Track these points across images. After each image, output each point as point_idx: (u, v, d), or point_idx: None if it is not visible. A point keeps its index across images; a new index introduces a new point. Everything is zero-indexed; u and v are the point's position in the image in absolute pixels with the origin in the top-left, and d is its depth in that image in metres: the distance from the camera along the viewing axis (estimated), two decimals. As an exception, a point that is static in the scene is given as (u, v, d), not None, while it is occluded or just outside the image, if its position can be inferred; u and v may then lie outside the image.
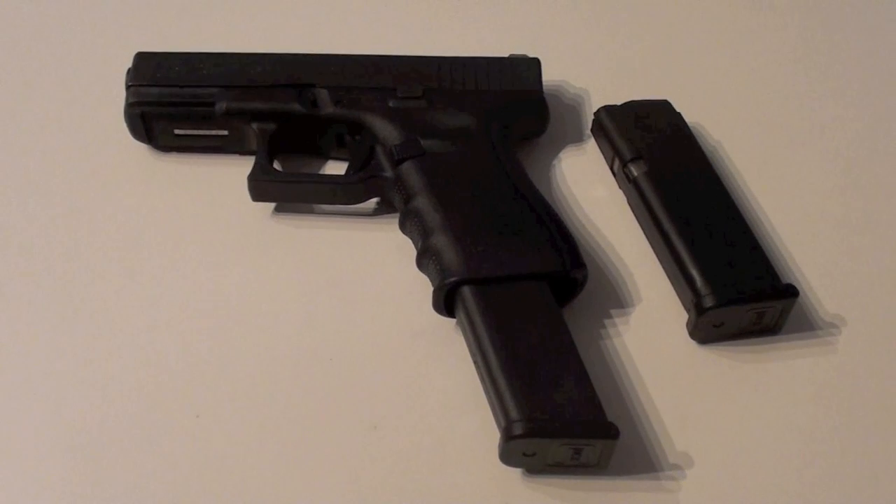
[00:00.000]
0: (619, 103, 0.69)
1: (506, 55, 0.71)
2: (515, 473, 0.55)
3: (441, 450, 0.56)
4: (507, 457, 0.54)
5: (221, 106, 0.67)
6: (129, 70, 0.68)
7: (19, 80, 0.76)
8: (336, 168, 0.69)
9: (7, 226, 0.67)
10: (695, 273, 0.59)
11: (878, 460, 0.56)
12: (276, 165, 0.68)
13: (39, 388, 0.59)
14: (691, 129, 0.68)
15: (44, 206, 0.68)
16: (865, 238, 0.66)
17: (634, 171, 0.65)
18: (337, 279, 0.64)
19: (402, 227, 0.63)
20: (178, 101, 0.67)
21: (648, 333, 0.61)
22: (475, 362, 0.57)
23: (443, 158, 0.64)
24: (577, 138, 0.72)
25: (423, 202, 0.61)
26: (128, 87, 0.68)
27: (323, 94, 0.67)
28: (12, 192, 0.69)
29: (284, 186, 0.66)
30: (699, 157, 0.66)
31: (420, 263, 0.61)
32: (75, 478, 0.55)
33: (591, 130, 0.70)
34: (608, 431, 0.53)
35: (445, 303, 0.60)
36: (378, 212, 0.67)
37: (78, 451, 0.56)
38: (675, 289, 0.62)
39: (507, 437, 0.53)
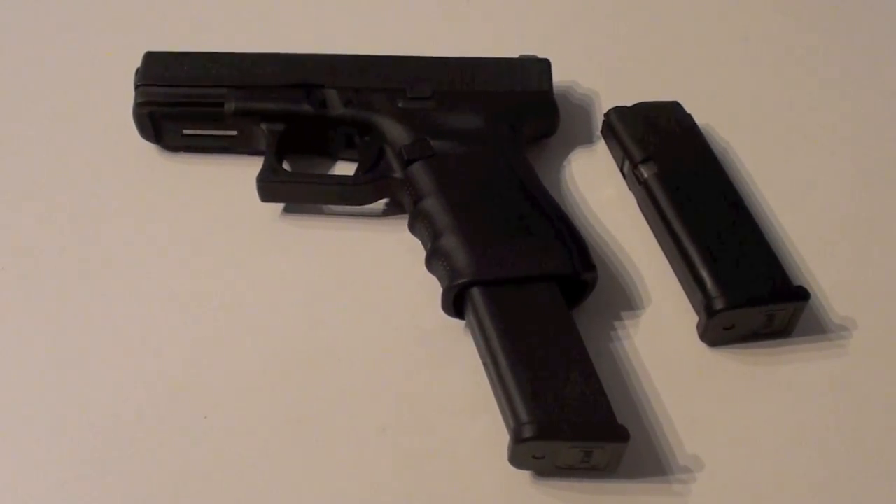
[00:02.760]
0: (629, 104, 0.68)
1: (516, 56, 0.70)
2: (525, 476, 0.55)
3: (450, 452, 0.56)
4: (516, 459, 0.54)
5: (230, 106, 0.67)
6: (137, 70, 0.68)
7: (28, 80, 0.76)
8: (345, 169, 0.69)
9: (15, 225, 0.67)
10: (705, 275, 0.59)
11: (889, 464, 0.56)
12: (285, 166, 0.68)
13: (43, 389, 0.59)
14: (701, 130, 0.68)
15: (52, 205, 0.68)
16: (877, 240, 0.66)
17: (645, 172, 0.65)
18: (345, 280, 0.64)
19: (412, 228, 0.63)
20: (186, 102, 0.67)
21: (658, 336, 0.61)
22: (484, 364, 0.57)
23: (452, 159, 0.63)
24: (588, 140, 0.72)
25: (432, 203, 0.61)
26: (136, 87, 0.68)
27: (332, 95, 0.67)
28: (20, 192, 0.69)
29: (293, 187, 0.66)
30: (709, 159, 0.66)
31: (429, 264, 0.61)
32: (82, 479, 0.55)
33: (602, 132, 0.70)
34: (618, 434, 0.52)
35: (455, 304, 0.59)
36: (387, 213, 0.67)
37: (85, 452, 0.56)
38: (685, 291, 0.62)
39: (517, 439, 0.52)
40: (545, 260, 0.59)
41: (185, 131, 0.69)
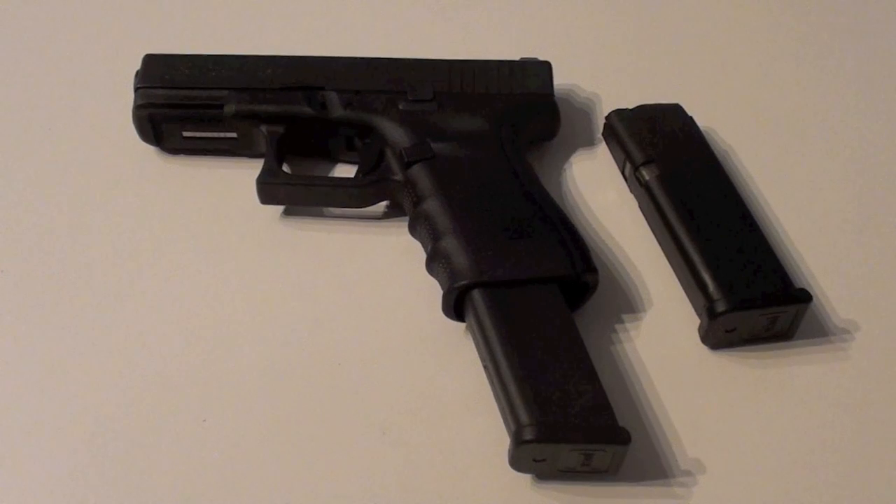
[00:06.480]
0: (630, 107, 0.68)
1: (517, 58, 0.70)
2: (525, 479, 0.55)
3: (450, 455, 0.56)
4: (517, 462, 0.54)
5: (230, 108, 0.66)
6: (137, 72, 0.68)
7: (27, 82, 0.76)
8: (345, 171, 0.69)
9: (15, 228, 0.66)
10: (707, 277, 0.59)
11: (891, 468, 0.56)
12: (285, 168, 0.68)
13: (43, 391, 0.59)
14: (703, 132, 0.67)
15: (51, 208, 0.67)
16: (879, 242, 0.66)
17: (646, 175, 0.65)
18: (346, 282, 0.63)
19: (412, 230, 0.63)
20: (186, 104, 0.67)
21: (660, 338, 0.61)
22: (485, 366, 0.57)
23: (453, 161, 0.63)
24: (589, 142, 0.71)
25: (432, 205, 0.61)
26: (136, 90, 0.68)
27: (332, 97, 0.67)
28: (20, 195, 0.68)
29: (293, 189, 0.66)
30: (711, 161, 0.66)
31: (430, 267, 0.60)
32: (81, 483, 0.55)
33: (603, 134, 0.70)
34: (619, 437, 0.52)
35: (455, 306, 0.59)
36: (387, 215, 0.67)
37: (83, 456, 0.56)
38: (686, 293, 0.62)
39: (518, 442, 0.52)
40: (546, 262, 0.58)
41: (185, 134, 0.69)
